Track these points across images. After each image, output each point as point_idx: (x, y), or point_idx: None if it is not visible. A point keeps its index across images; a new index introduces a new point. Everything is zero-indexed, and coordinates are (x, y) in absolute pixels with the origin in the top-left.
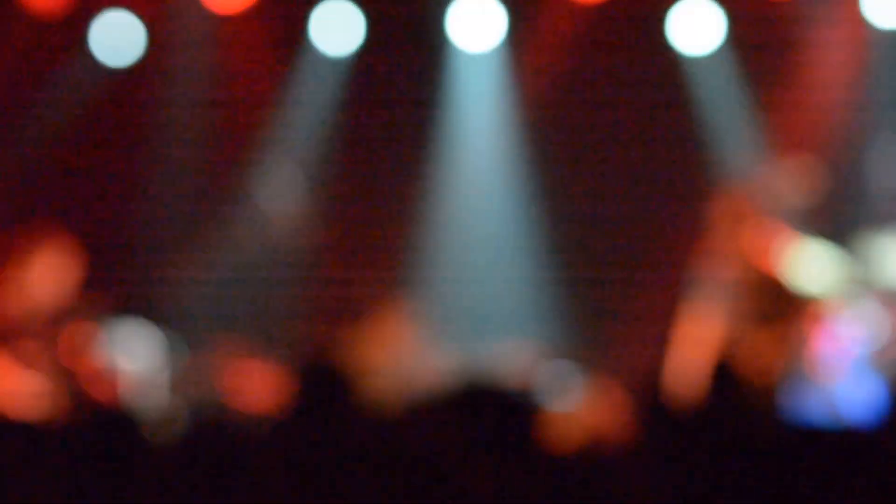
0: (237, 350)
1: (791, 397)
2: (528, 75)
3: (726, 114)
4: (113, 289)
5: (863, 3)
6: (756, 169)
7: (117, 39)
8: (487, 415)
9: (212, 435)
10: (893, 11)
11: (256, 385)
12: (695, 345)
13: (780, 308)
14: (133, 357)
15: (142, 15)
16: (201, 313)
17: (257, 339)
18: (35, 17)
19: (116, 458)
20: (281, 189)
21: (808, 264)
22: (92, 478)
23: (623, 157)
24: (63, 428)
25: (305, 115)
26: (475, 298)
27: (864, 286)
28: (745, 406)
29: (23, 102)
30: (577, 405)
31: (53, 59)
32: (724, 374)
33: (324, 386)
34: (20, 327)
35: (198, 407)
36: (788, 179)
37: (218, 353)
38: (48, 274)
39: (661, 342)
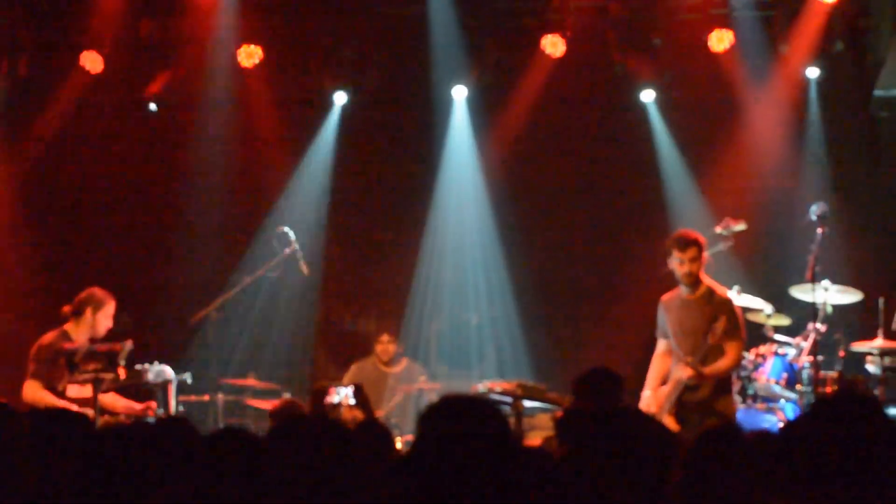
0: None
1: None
2: (504, 123)
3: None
4: (144, 335)
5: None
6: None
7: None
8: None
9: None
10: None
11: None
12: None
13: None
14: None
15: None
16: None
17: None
18: (94, 76)
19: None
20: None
21: (745, 304)
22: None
23: (591, 198)
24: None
25: (317, 157)
26: (458, 334)
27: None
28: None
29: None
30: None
31: (110, 111)
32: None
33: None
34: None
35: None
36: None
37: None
38: (96, 324)
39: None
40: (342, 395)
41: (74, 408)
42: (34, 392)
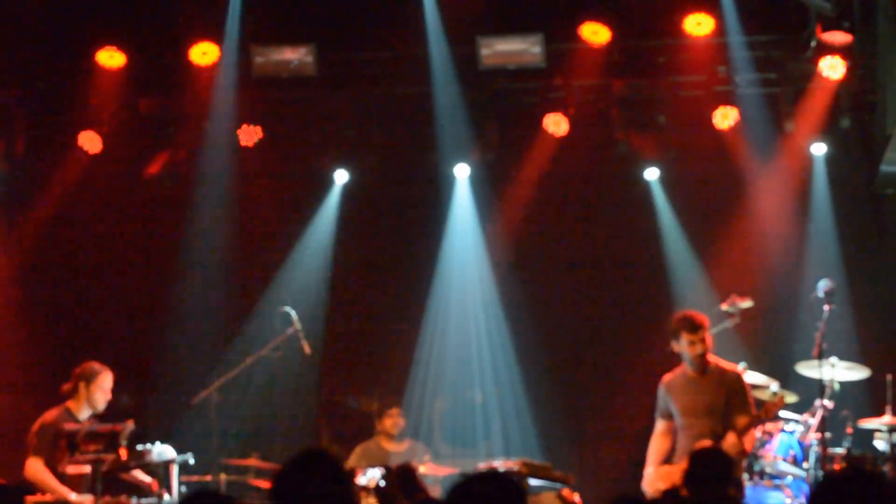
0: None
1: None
2: (507, 202)
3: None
4: (145, 416)
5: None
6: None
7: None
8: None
9: None
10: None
11: None
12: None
13: (736, 409)
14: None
15: (183, 146)
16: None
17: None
18: (93, 156)
19: None
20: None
21: (751, 380)
22: None
23: (594, 275)
24: None
25: (317, 235)
26: (462, 413)
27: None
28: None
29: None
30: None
31: (109, 191)
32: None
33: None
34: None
35: None
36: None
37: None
38: (92, 397)
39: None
40: (369, 476)
41: (73, 497)
42: (36, 470)
